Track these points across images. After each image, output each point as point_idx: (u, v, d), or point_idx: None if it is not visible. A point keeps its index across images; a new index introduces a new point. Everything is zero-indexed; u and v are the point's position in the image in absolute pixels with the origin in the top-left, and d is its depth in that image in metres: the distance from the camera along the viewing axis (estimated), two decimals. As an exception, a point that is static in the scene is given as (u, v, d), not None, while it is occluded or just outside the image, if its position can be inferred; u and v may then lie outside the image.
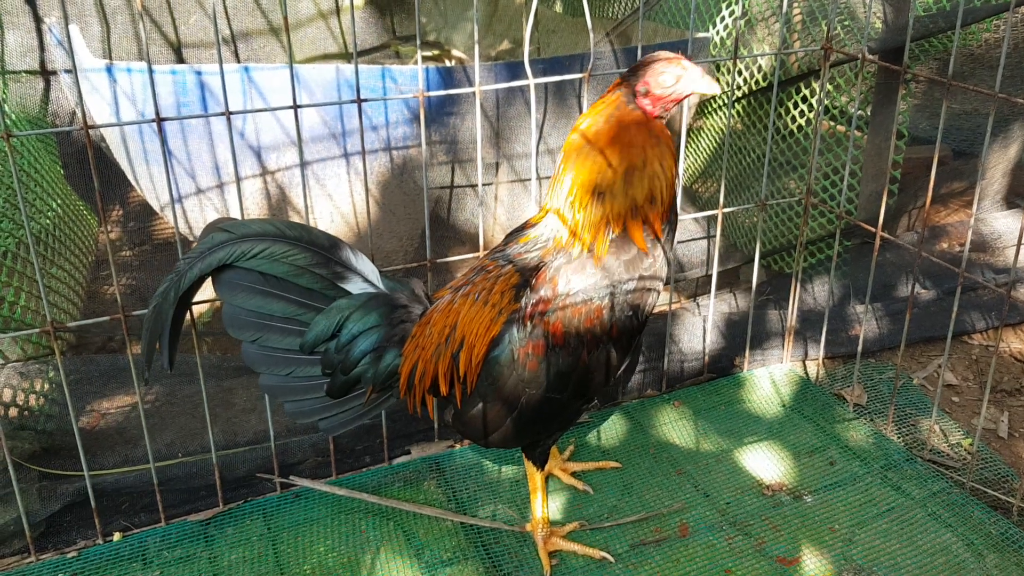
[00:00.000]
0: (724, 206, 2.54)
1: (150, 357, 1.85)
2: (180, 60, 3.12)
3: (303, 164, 1.98)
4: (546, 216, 1.87)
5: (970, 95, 4.41)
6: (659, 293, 1.89)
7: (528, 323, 1.81)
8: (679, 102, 1.80)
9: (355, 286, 1.91)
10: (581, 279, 1.79)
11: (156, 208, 2.93)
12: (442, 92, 2.47)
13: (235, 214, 2.86)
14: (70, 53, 1.86)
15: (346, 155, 2.85)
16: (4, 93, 2.17)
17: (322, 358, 1.92)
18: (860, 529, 2.14)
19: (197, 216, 2.86)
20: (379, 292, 1.93)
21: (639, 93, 1.78)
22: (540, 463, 2.06)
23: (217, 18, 2.57)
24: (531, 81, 2.21)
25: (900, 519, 2.17)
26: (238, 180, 1.92)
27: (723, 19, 3.44)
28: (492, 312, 1.85)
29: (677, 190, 1.85)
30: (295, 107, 2.00)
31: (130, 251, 3.57)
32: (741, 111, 3.41)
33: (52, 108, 2.76)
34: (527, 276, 1.84)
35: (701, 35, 3.17)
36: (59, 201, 3.00)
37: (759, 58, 3.12)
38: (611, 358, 1.88)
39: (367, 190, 2.39)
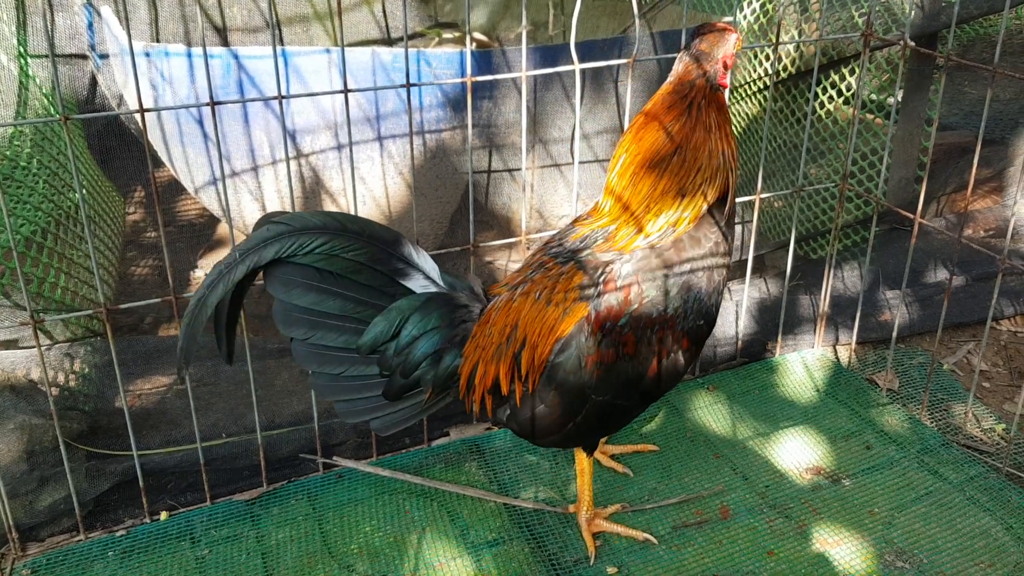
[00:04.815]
0: (757, 192, 2.55)
1: (187, 351, 1.76)
2: (225, 43, 3.12)
3: (351, 146, 1.98)
4: (602, 205, 1.84)
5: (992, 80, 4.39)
6: (722, 287, 1.86)
7: (599, 332, 1.75)
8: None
9: (416, 283, 1.84)
10: (652, 286, 1.74)
11: (190, 190, 2.94)
12: (489, 77, 2.47)
13: (271, 196, 2.87)
14: (126, 34, 1.86)
15: (379, 138, 2.86)
16: (54, 76, 2.18)
17: (379, 359, 1.86)
18: (899, 512, 2.17)
19: (231, 198, 2.87)
20: (439, 292, 1.87)
21: (721, 64, 1.74)
22: (590, 451, 2.07)
23: (267, 2, 2.57)
24: (576, 67, 2.22)
25: (938, 503, 2.20)
26: (288, 161, 1.93)
27: (750, 4, 3.44)
28: (556, 311, 1.79)
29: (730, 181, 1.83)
30: (345, 91, 2.01)
31: (155, 232, 3.58)
32: (763, 100, 3.41)
33: (99, 91, 2.76)
34: (591, 274, 1.78)
35: (727, 19, 3.17)
36: (92, 182, 3.01)
37: (780, 46, 3.11)
38: (681, 364, 1.85)
39: (413, 172, 2.39)
